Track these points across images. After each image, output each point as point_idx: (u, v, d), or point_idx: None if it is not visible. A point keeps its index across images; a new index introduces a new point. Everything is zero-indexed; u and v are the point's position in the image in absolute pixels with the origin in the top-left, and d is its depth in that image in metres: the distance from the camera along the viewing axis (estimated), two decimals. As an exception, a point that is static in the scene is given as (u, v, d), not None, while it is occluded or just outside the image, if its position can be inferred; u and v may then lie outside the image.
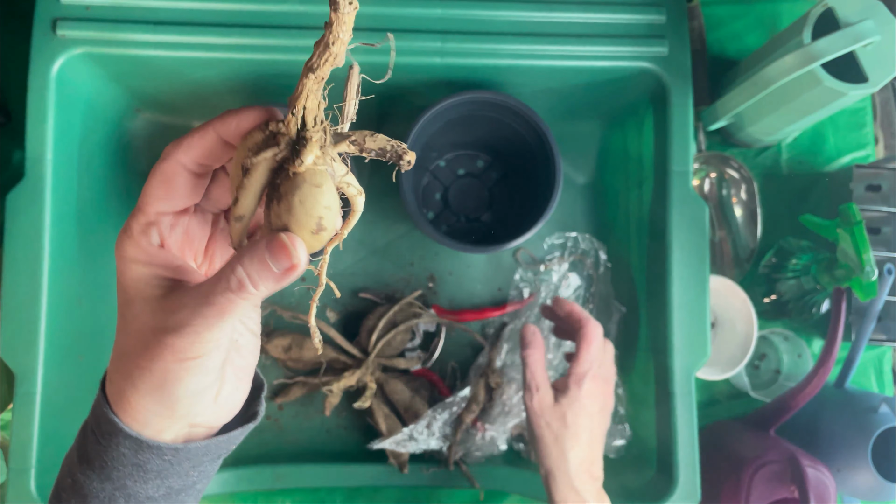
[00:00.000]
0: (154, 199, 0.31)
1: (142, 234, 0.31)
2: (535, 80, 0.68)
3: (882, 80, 0.60)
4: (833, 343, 0.66)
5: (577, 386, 0.58)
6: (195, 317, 0.29)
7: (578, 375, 0.58)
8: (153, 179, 0.31)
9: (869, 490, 0.67)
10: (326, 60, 0.29)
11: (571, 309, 0.61)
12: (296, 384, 0.71)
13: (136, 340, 0.30)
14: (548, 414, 0.57)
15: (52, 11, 0.60)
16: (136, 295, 0.30)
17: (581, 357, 0.58)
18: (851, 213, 0.64)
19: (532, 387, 0.58)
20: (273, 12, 0.62)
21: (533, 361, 0.59)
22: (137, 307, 0.30)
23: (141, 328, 0.30)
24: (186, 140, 0.31)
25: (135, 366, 0.30)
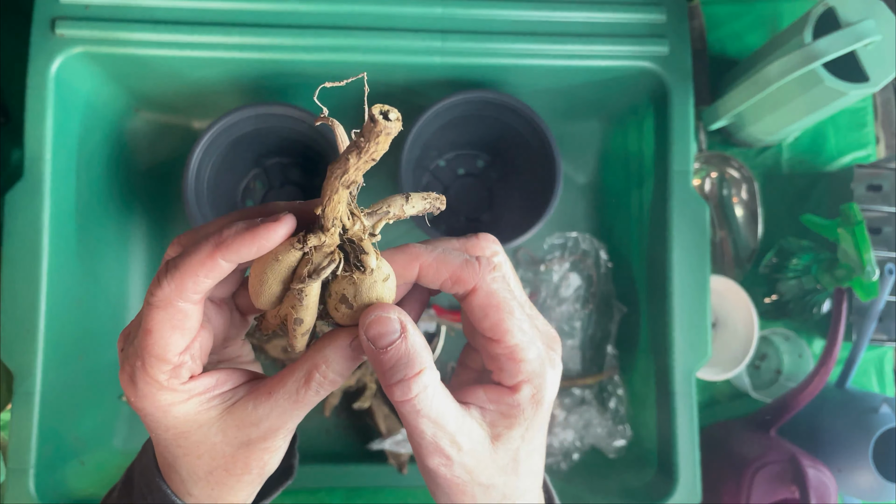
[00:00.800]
0: (171, 346, 0.28)
1: (172, 380, 0.28)
2: (535, 80, 0.67)
3: (883, 80, 0.59)
4: (834, 343, 0.66)
5: (534, 405, 0.29)
6: (285, 419, 0.29)
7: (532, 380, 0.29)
8: (161, 329, 0.27)
9: (870, 490, 0.67)
10: (361, 173, 0.27)
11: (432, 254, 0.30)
12: (295, 384, 0.71)
13: (212, 457, 0.30)
14: (485, 472, 0.29)
15: (51, 11, 0.60)
16: (191, 426, 0.29)
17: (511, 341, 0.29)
18: (852, 213, 0.64)
19: (436, 441, 0.28)
20: (273, 12, 0.62)
21: (419, 398, 0.28)
22: (199, 434, 0.29)
23: (215, 447, 0.29)
24: (187, 279, 0.27)
25: (227, 475, 0.30)
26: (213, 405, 0.29)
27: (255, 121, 0.64)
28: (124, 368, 0.29)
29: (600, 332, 0.76)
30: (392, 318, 0.28)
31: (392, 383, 0.27)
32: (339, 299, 0.28)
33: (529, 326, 0.29)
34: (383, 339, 0.27)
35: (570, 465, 0.72)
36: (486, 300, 0.29)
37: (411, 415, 0.27)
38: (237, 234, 0.27)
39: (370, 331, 0.27)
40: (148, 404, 0.28)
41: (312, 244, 0.27)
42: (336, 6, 0.62)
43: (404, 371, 0.27)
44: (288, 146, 0.71)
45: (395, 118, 0.26)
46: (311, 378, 0.28)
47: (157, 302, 0.27)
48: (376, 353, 0.27)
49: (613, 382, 0.74)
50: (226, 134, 0.64)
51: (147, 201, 0.74)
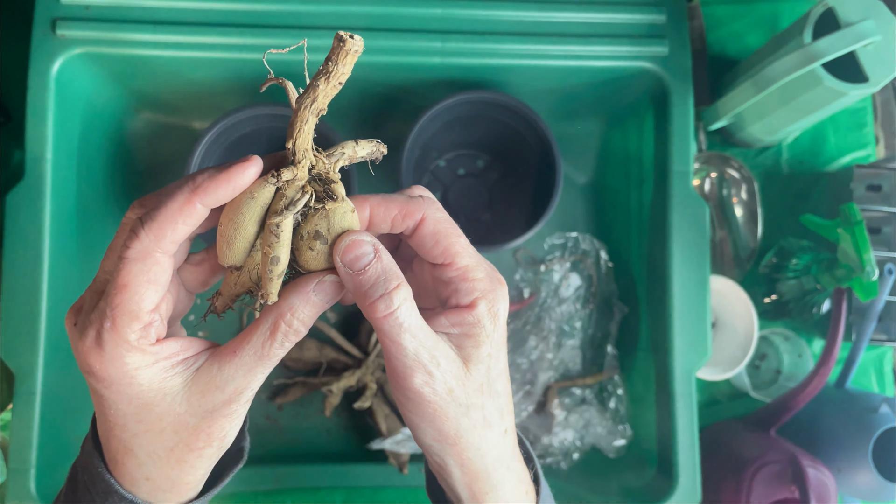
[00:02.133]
0: (145, 301, 0.27)
1: (142, 340, 0.28)
2: (535, 80, 0.67)
3: (882, 80, 0.60)
4: (833, 343, 0.66)
5: (492, 319, 0.31)
6: (251, 377, 0.29)
7: (486, 296, 0.31)
8: (136, 282, 0.27)
9: (869, 490, 0.67)
10: (328, 99, 0.29)
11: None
12: (295, 384, 0.71)
13: (175, 431, 0.29)
14: (463, 392, 0.30)
15: (52, 11, 0.60)
16: (156, 396, 0.28)
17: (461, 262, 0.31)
18: (852, 213, 0.64)
19: (418, 356, 0.29)
20: (273, 12, 0.62)
21: (400, 310, 0.29)
22: (163, 405, 0.29)
23: (178, 419, 0.29)
24: (168, 225, 0.27)
25: (187, 451, 0.29)
26: (177, 372, 0.29)
27: (255, 121, 0.64)
28: (86, 334, 0.27)
29: (600, 332, 0.76)
30: (365, 239, 0.29)
31: (373, 300, 0.28)
32: (313, 236, 0.29)
33: (473, 251, 0.32)
34: (360, 261, 0.28)
35: (570, 464, 0.72)
36: (434, 227, 0.31)
37: (394, 329, 0.28)
38: (210, 176, 0.27)
39: (346, 255, 0.28)
40: (114, 369, 0.27)
41: (286, 178, 0.28)
42: (336, 6, 0.62)
43: (384, 286, 0.28)
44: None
45: (359, 38, 0.28)
46: (276, 329, 0.28)
47: (134, 255, 0.27)
48: (354, 276, 0.28)
49: (613, 382, 0.74)
50: (226, 134, 0.64)
51: (147, 201, 0.74)
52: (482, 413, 0.31)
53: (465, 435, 0.31)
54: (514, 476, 0.33)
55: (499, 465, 0.32)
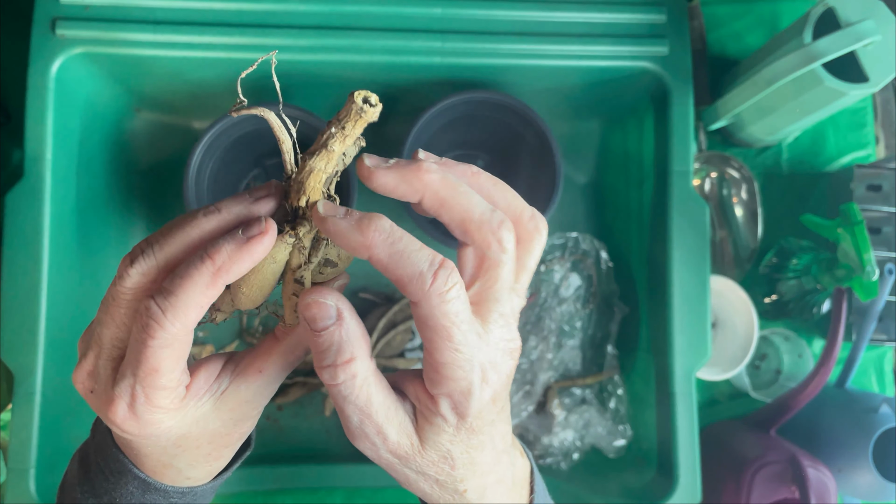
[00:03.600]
0: (176, 374, 0.27)
1: (175, 399, 0.28)
2: (535, 80, 0.67)
3: (883, 80, 0.59)
4: (834, 343, 0.66)
5: (458, 417, 0.28)
6: (273, 388, 0.31)
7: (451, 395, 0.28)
8: (168, 363, 0.27)
9: (870, 490, 0.67)
10: (336, 159, 0.28)
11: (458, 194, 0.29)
12: (295, 384, 0.71)
13: (211, 442, 0.31)
14: (414, 463, 0.29)
15: (52, 11, 0.60)
16: (189, 427, 0.30)
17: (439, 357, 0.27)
18: (852, 213, 0.64)
19: (362, 428, 0.28)
20: (273, 12, 0.62)
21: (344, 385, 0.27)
22: (197, 429, 0.30)
23: (214, 433, 0.31)
24: (191, 310, 0.26)
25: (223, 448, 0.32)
26: (205, 400, 0.30)
27: (255, 121, 0.64)
28: (115, 404, 0.27)
29: (600, 332, 0.76)
30: (329, 303, 0.27)
31: (321, 366, 0.27)
32: (324, 264, 0.29)
33: (469, 346, 0.27)
34: (318, 323, 0.27)
35: (570, 464, 0.72)
36: (424, 318, 0.26)
37: (337, 399, 0.28)
38: (231, 255, 0.26)
39: (306, 312, 0.27)
40: (152, 429, 0.28)
41: (304, 233, 0.28)
42: (336, 6, 0.62)
43: (334, 357, 0.27)
44: (288, 146, 0.71)
45: (376, 103, 0.27)
46: (300, 345, 0.30)
47: (163, 342, 0.26)
48: (310, 334, 0.27)
49: (613, 382, 0.74)
50: (226, 134, 0.64)
51: (147, 201, 0.74)
52: (436, 479, 0.29)
53: (430, 493, 0.30)
54: None
55: None
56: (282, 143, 0.29)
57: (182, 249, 0.27)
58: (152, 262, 0.27)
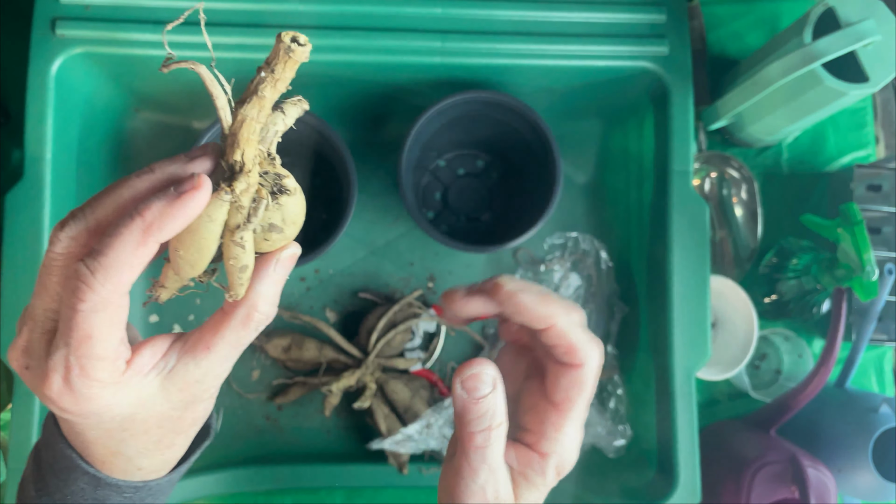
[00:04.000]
0: (111, 342, 0.26)
1: (114, 372, 0.27)
2: (535, 80, 0.67)
3: (883, 80, 0.59)
4: (833, 343, 0.66)
5: (556, 477, 0.33)
6: (227, 363, 0.29)
7: (560, 453, 0.32)
8: (102, 331, 0.26)
9: (869, 490, 0.67)
10: (269, 104, 0.27)
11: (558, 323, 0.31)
12: (295, 384, 0.71)
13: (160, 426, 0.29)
14: None
15: (52, 11, 0.60)
16: (135, 408, 0.28)
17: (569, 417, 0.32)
18: (852, 213, 0.64)
19: (484, 487, 0.31)
20: (273, 12, 0.62)
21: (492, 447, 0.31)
22: (144, 411, 0.29)
23: (162, 416, 0.29)
24: (123, 271, 0.25)
25: (173, 439, 0.30)
26: (151, 379, 0.28)
27: (255, 121, 0.64)
28: (50, 378, 0.26)
29: (600, 332, 0.76)
30: (489, 373, 0.30)
31: (477, 430, 0.30)
32: (268, 229, 0.28)
33: (585, 415, 0.32)
34: (479, 391, 0.30)
35: (570, 464, 0.72)
36: (581, 379, 0.31)
37: (477, 460, 0.31)
38: (162, 211, 0.25)
39: (469, 382, 0.30)
40: (90, 406, 0.27)
41: (241, 190, 0.27)
42: (336, 6, 0.62)
43: (489, 421, 0.30)
44: (287, 146, 0.71)
45: (305, 43, 0.26)
46: (249, 319, 0.28)
47: (92, 307, 0.25)
48: (466, 402, 0.30)
49: (613, 382, 0.74)
50: (226, 134, 0.64)
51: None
52: None
53: None
54: None
55: None
56: (216, 99, 0.27)
57: (113, 211, 0.27)
58: (82, 226, 0.27)
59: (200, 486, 0.67)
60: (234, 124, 0.27)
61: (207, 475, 0.67)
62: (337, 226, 0.63)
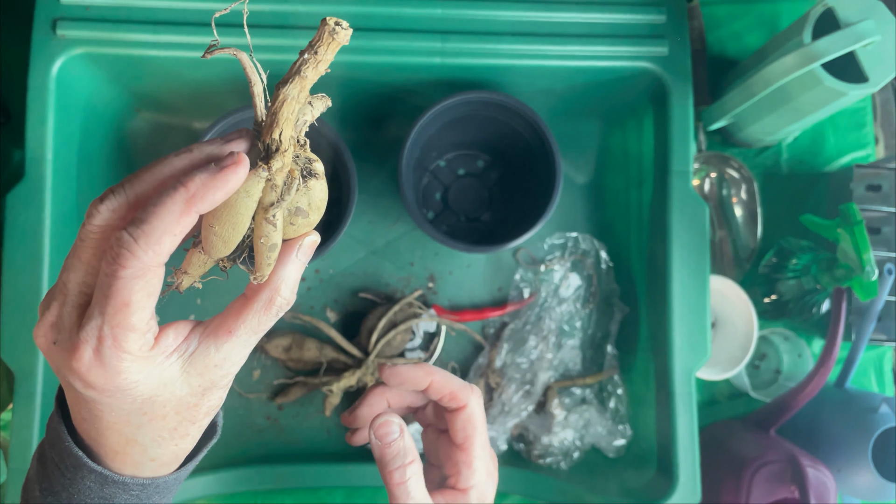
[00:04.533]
0: (146, 313, 0.27)
1: (143, 346, 0.27)
2: (535, 80, 0.68)
3: (882, 80, 0.60)
4: (833, 343, 0.66)
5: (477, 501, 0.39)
6: (246, 350, 0.30)
7: (477, 486, 0.39)
8: (138, 299, 0.26)
9: (869, 490, 0.67)
10: (309, 84, 0.29)
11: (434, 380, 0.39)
12: (296, 384, 0.71)
13: (178, 412, 0.30)
14: None
15: (52, 11, 0.60)
16: (156, 388, 0.28)
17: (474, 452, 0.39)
18: (852, 213, 0.64)
19: None
20: (273, 12, 0.62)
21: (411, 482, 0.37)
22: (167, 394, 0.29)
23: (181, 402, 0.29)
24: (164, 238, 0.26)
25: (189, 426, 0.30)
26: (173, 360, 0.29)
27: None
28: (80, 351, 0.26)
29: (600, 332, 0.76)
30: (394, 421, 0.36)
31: (393, 468, 0.36)
32: (295, 213, 0.29)
33: (487, 445, 0.39)
34: (388, 437, 0.36)
35: (570, 464, 0.72)
36: (469, 416, 0.38)
37: (401, 495, 0.36)
38: (205, 183, 0.26)
39: (379, 430, 0.36)
40: (119, 381, 0.27)
41: (277, 168, 0.28)
42: (336, 7, 0.62)
43: (402, 460, 0.36)
44: (288, 146, 0.71)
45: (347, 27, 0.28)
46: (271, 303, 0.29)
47: (132, 273, 0.26)
48: (382, 447, 0.36)
49: (613, 382, 0.74)
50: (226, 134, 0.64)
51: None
52: None
53: None
54: None
55: None
56: (253, 86, 0.29)
57: (152, 186, 0.28)
58: (122, 199, 0.27)
59: (200, 486, 0.67)
60: (274, 104, 0.28)
61: (207, 475, 0.67)
62: (337, 226, 0.63)
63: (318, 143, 0.66)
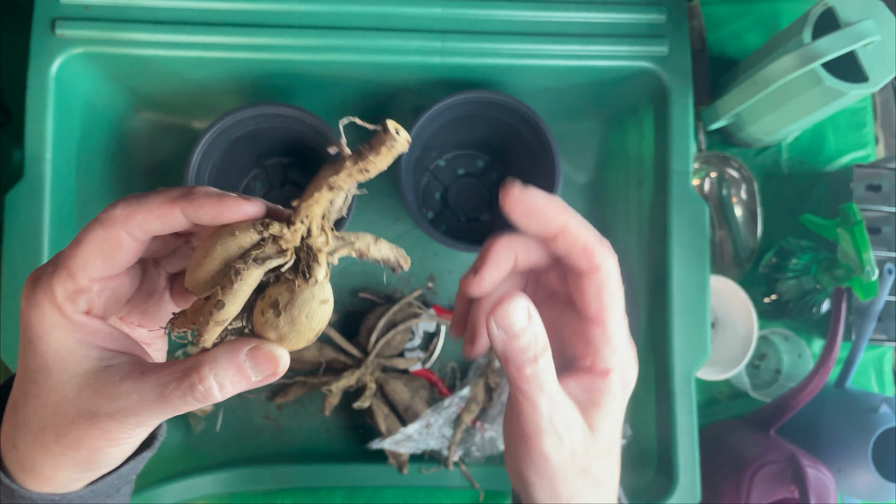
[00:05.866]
0: (89, 267, 0.27)
1: (67, 301, 0.27)
2: (535, 79, 0.67)
3: (882, 80, 0.60)
4: (833, 343, 0.66)
5: (623, 390, 0.31)
6: (142, 410, 0.26)
7: (621, 365, 0.31)
8: (90, 245, 0.27)
9: (869, 490, 0.67)
10: (351, 182, 0.26)
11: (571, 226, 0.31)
12: (295, 384, 0.71)
13: (55, 413, 0.27)
14: (585, 457, 0.30)
15: (52, 11, 0.60)
16: (57, 364, 0.27)
17: (612, 326, 0.31)
18: (852, 213, 0.64)
19: (552, 420, 0.29)
20: (273, 12, 0.62)
21: (544, 373, 0.29)
22: (59, 378, 0.27)
23: (63, 402, 0.27)
24: (141, 211, 0.26)
25: (54, 441, 0.27)
26: (87, 355, 0.27)
27: (255, 121, 0.64)
28: (34, 273, 0.28)
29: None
30: (522, 304, 0.28)
31: (523, 364, 0.28)
32: (270, 303, 0.27)
33: (623, 315, 0.31)
34: (516, 326, 0.28)
35: (570, 464, 0.72)
36: (604, 281, 0.30)
37: (534, 391, 0.28)
38: (206, 194, 0.26)
39: (503, 321, 0.28)
40: (34, 316, 0.27)
41: (273, 232, 0.26)
42: (336, 6, 0.62)
43: (534, 350, 0.28)
44: (288, 146, 0.71)
45: (404, 137, 0.25)
46: (185, 377, 0.26)
47: (103, 219, 0.27)
48: (508, 341, 0.28)
49: (613, 382, 0.74)
50: (226, 134, 0.64)
51: (147, 201, 0.74)
52: (597, 477, 0.31)
53: (576, 495, 0.31)
54: None
55: None
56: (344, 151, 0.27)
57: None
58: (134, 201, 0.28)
59: (200, 486, 0.67)
60: (313, 187, 0.26)
61: (207, 475, 0.67)
62: (337, 226, 0.63)
63: (318, 142, 0.66)
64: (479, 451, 0.71)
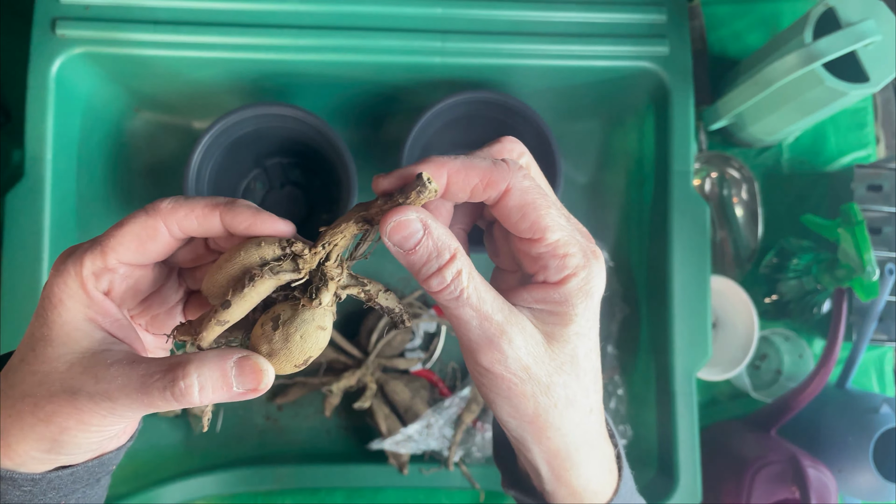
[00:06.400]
0: (123, 249, 0.28)
1: (92, 276, 0.28)
2: (536, 80, 0.67)
3: (883, 80, 0.59)
4: (834, 343, 0.66)
5: (584, 297, 0.29)
6: (122, 397, 0.26)
7: (577, 272, 0.28)
8: (129, 230, 0.28)
9: (870, 490, 0.67)
10: (379, 218, 0.28)
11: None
12: (295, 385, 0.71)
13: (40, 384, 0.27)
14: (543, 370, 0.28)
15: (52, 11, 0.60)
16: (60, 337, 0.28)
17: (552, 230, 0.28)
18: (853, 213, 0.64)
19: (485, 333, 0.28)
20: (273, 12, 0.62)
21: (456, 282, 0.27)
22: (57, 350, 0.27)
23: (51, 374, 0.27)
24: (184, 210, 0.28)
25: (30, 411, 0.27)
26: (90, 335, 0.28)
27: (256, 121, 0.64)
28: (70, 248, 0.29)
29: (601, 332, 0.75)
30: (412, 218, 0.27)
31: (427, 277, 0.27)
32: (271, 317, 0.28)
33: (566, 221, 0.29)
34: (410, 240, 0.27)
35: (571, 465, 0.72)
36: (521, 199, 0.28)
37: (451, 304, 0.27)
38: (246, 206, 0.29)
39: (394, 236, 0.27)
40: (56, 283, 0.28)
41: (295, 250, 0.28)
42: (336, 6, 0.62)
43: (436, 262, 0.27)
44: (288, 146, 0.71)
45: (434, 187, 0.27)
46: (171, 371, 0.26)
47: (148, 208, 0.29)
48: (405, 255, 0.27)
49: (614, 382, 0.74)
50: (226, 134, 0.64)
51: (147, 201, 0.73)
52: (564, 392, 0.29)
53: (543, 414, 0.29)
54: (597, 453, 0.32)
55: (582, 444, 0.31)
56: None
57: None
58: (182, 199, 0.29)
59: (200, 486, 0.67)
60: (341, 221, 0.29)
61: (207, 475, 0.67)
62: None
63: (318, 142, 0.66)
64: (480, 452, 0.71)
